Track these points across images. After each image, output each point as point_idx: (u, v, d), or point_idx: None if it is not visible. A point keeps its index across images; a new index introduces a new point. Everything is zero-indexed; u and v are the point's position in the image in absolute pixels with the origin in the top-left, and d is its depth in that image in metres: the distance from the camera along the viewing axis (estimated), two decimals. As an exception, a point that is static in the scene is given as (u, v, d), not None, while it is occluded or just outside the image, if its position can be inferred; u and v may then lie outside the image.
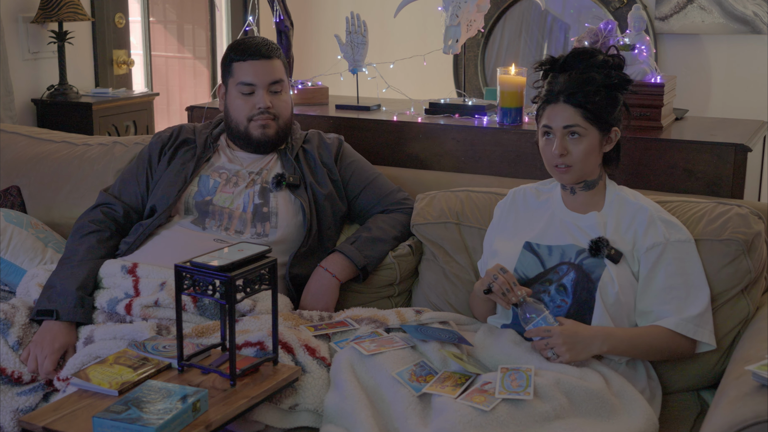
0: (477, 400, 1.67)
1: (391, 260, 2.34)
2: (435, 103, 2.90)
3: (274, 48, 2.39)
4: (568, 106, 1.95)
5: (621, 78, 1.99)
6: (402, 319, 2.07)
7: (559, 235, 2.02)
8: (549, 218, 2.06)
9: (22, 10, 4.01)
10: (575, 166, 1.97)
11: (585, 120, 1.95)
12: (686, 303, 1.92)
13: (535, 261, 2.01)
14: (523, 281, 2.00)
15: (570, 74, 1.97)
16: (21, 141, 2.91)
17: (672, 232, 1.96)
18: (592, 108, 1.94)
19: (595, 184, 2.03)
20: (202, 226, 2.32)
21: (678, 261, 1.95)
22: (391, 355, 1.83)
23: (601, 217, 2.01)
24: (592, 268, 1.94)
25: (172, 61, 5.52)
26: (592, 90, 1.95)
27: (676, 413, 1.95)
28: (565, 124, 1.95)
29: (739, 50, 4.38)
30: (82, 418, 1.61)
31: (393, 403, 1.73)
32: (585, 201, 2.04)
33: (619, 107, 2.00)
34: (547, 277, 1.99)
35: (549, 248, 2.02)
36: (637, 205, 2.00)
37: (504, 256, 2.06)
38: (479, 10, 2.80)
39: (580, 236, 2.00)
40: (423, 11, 3.77)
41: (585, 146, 1.96)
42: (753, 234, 2.02)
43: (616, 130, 2.00)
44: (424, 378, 1.77)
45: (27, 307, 2.18)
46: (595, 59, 1.98)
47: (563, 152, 1.96)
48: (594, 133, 1.96)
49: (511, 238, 2.09)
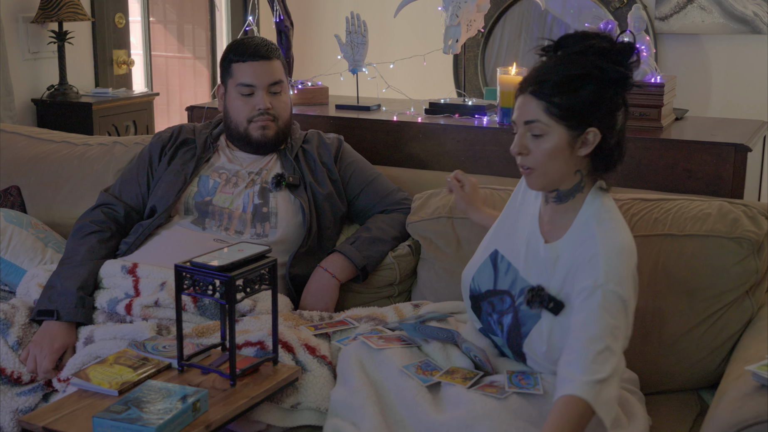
0: (489, 390, 1.68)
1: (390, 260, 2.34)
2: (435, 103, 2.90)
3: (273, 48, 2.39)
4: (532, 98, 1.66)
5: (615, 72, 1.66)
6: (400, 315, 2.08)
7: (520, 257, 1.78)
8: (522, 232, 1.81)
9: (22, 10, 4.01)
10: (538, 170, 1.69)
11: (548, 116, 1.65)
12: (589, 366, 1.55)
13: (490, 276, 1.82)
14: (476, 294, 1.85)
15: (550, 59, 1.70)
16: (21, 141, 2.91)
17: (611, 277, 1.61)
18: (561, 103, 1.63)
19: (569, 196, 1.72)
20: (202, 227, 2.32)
21: (603, 311, 1.59)
22: (398, 351, 1.83)
23: (554, 251, 1.71)
24: (524, 319, 1.73)
25: (172, 61, 5.52)
26: (563, 79, 1.64)
27: (676, 413, 1.95)
28: (525, 119, 1.67)
29: (739, 50, 4.38)
30: (82, 418, 1.61)
31: (401, 393, 1.72)
32: (554, 219, 1.75)
33: (607, 105, 1.66)
34: (491, 299, 1.81)
35: (508, 266, 1.80)
36: (589, 238, 1.66)
37: (476, 256, 1.89)
38: (479, 10, 2.80)
39: (532, 269, 1.75)
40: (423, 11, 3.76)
41: (548, 146, 1.66)
42: (763, 234, 2.01)
43: (594, 131, 1.66)
44: (431, 372, 1.78)
45: (27, 307, 2.18)
46: (589, 43, 1.66)
47: (522, 150, 1.69)
48: (560, 133, 1.65)
49: (491, 234, 1.90)
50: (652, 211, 2.10)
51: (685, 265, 2.01)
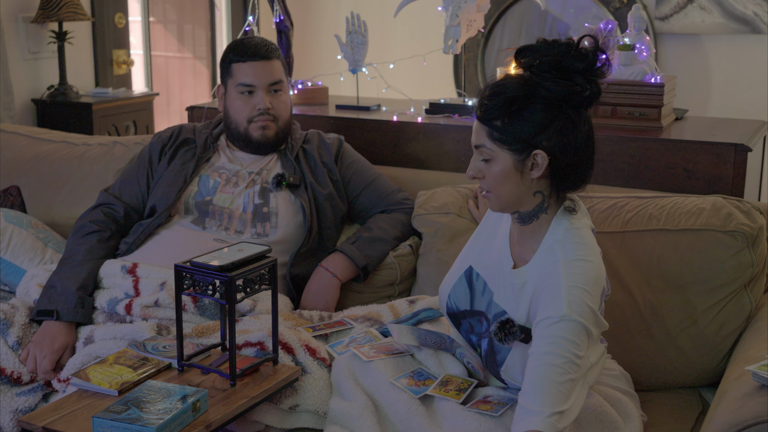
0: (484, 408, 1.67)
1: (391, 260, 2.34)
2: (435, 103, 2.90)
3: (273, 48, 2.39)
4: (478, 123, 1.62)
5: (563, 91, 1.56)
6: (395, 313, 2.08)
7: (494, 278, 1.73)
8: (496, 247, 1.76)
9: (22, 10, 4.01)
10: (493, 193, 1.64)
11: (491, 140, 1.59)
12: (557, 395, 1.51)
13: (466, 295, 1.78)
14: (454, 312, 1.81)
15: (495, 81, 1.63)
16: (21, 141, 2.91)
17: (574, 308, 1.54)
18: (501, 126, 1.57)
19: (532, 217, 1.65)
20: (202, 226, 2.32)
21: (566, 342, 1.53)
22: (390, 362, 1.82)
23: (520, 277, 1.66)
24: (499, 347, 1.70)
25: (172, 61, 5.52)
26: (505, 102, 1.57)
27: (677, 412, 1.95)
28: (474, 143, 1.64)
29: (739, 50, 4.38)
30: (82, 418, 1.61)
31: (393, 406, 1.72)
32: (522, 240, 1.70)
33: (557, 125, 1.57)
34: (471, 319, 1.78)
35: (484, 285, 1.75)
36: (552, 266, 1.60)
37: (451, 272, 1.84)
38: (479, 10, 2.80)
39: (502, 293, 1.70)
40: (423, 11, 3.76)
41: (496, 170, 1.61)
42: (757, 228, 2.02)
43: (540, 153, 1.57)
44: (423, 382, 1.77)
45: (27, 307, 2.18)
46: (538, 58, 1.57)
47: (476, 174, 1.65)
48: (504, 157, 1.59)
49: (465, 252, 1.85)
50: (647, 208, 2.11)
51: (679, 260, 2.02)
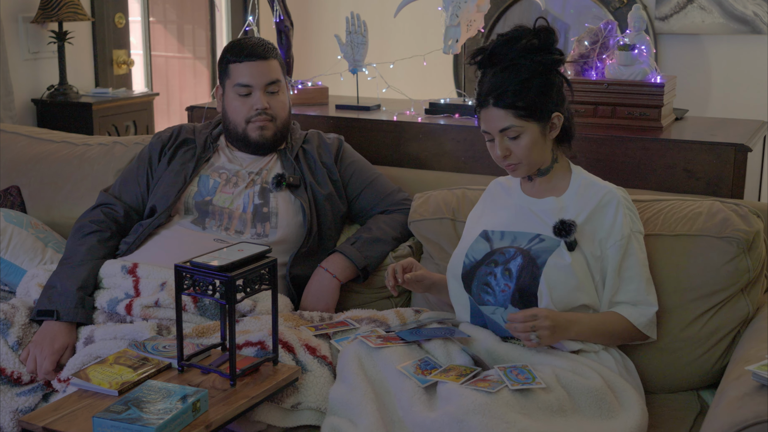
0: (481, 385, 1.68)
1: (391, 261, 2.34)
2: (435, 103, 2.90)
3: (270, 48, 2.39)
4: (498, 110, 1.88)
5: (550, 61, 1.90)
6: (401, 319, 2.08)
7: (513, 221, 1.99)
8: (508, 206, 2.03)
9: (22, 10, 4.01)
10: (523, 162, 1.92)
11: (519, 119, 1.88)
12: (645, 298, 1.93)
13: (485, 246, 1.99)
14: (472, 263, 1.98)
15: (495, 71, 1.89)
16: (21, 141, 2.91)
17: (635, 222, 1.95)
18: (523, 105, 1.87)
19: (548, 170, 1.98)
20: (202, 226, 2.32)
21: (639, 252, 1.93)
22: (397, 350, 1.84)
23: (559, 202, 1.96)
24: (539, 252, 1.91)
25: (172, 61, 5.52)
26: (518, 85, 1.86)
27: (676, 413, 1.95)
28: (500, 127, 1.89)
29: (739, 50, 4.38)
30: (82, 418, 1.61)
31: (398, 394, 1.74)
32: (544, 187, 1.99)
33: (556, 89, 1.91)
34: (492, 257, 1.96)
35: (501, 233, 1.98)
36: (606, 190, 1.94)
37: (462, 243, 2.06)
38: (479, 10, 2.80)
39: (534, 222, 1.95)
40: (423, 11, 3.76)
41: (526, 142, 1.90)
42: (753, 233, 2.02)
43: (557, 115, 1.92)
44: (429, 372, 1.79)
45: (27, 307, 2.18)
46: (518, 45, 1.88)
47: (505, 153, 1.92)
48: (533, 127, 1.89)
49: (474, 226, 2.07)
50: (644, 212, 2.11)
51: (675, 265, 2.02)
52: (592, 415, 1.71)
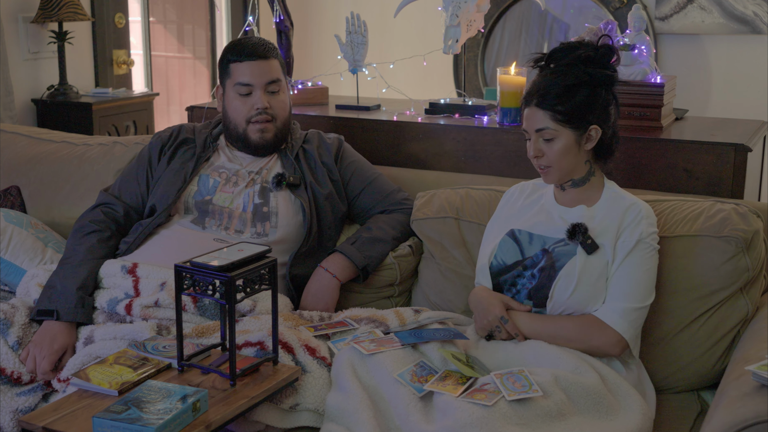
0: (478, 397, 1.67)
1: (391, 260, 2.34)
2: (435, 103, 2.90)
3: (270, 48, 2.39)
4: (539, 110, 1.93)
5: (602, 75, 1.94)
6: (401, 319, 2.07)
7: (542, 225, 2.01)
8: (537, 210, 2.06)
9: (22, 10, 4.01)
10: (553, 167, 1.96)
11: (556, 122, 1.92)
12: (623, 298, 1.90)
13: (514, 248, 2.01)
14: (501, 267, 2.01)
15: (546, 72, 1.96)
16: (21, 141, 2.91)
17: (651, 235, 1.94)
18: (564, 110, 1.91)
19: (584, 181, 2.00)
20: (202, 226, 2.32)
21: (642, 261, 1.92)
22: (391, 355, 1.83)
23: (590, 211, 1.99)
24: (559, 256, 1.94)
25: (172, 61, 5.52)
26: (563, 89, 1.91)
27: (676, 413, 1.95)
28: (536, 127, 1.95)
29: (739, 50, 4.38)
30: (82, 418, 1.61)
31: (394, 402, 1.73)
32: (576, 197, 2.02)
33: (601, 104, 1.95)
34: (523, 263, 1.99)
35: (530, 236, 2.01)
36: (631, 201, 1.98)
37: (487, 243, 2.10)
38: (479, 10, 2.80)
39: (563, 227, 1.97)
40: (423, 11, 3.76)
41: (558, 147, 1.94)
42: (752, 232, 2.02)
43: (595, 128, 1.94)
44: (425, 378, 1.78)
45: (27, 307, 2.18)
46: (574, 53, 1.94)
47: (537, 154, 1.96)
48: (567, 134, 1.93)
49: (499, 227, 2.10)
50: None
51: (674, 266, 2.03)
52: (591, 416, 1.71)
